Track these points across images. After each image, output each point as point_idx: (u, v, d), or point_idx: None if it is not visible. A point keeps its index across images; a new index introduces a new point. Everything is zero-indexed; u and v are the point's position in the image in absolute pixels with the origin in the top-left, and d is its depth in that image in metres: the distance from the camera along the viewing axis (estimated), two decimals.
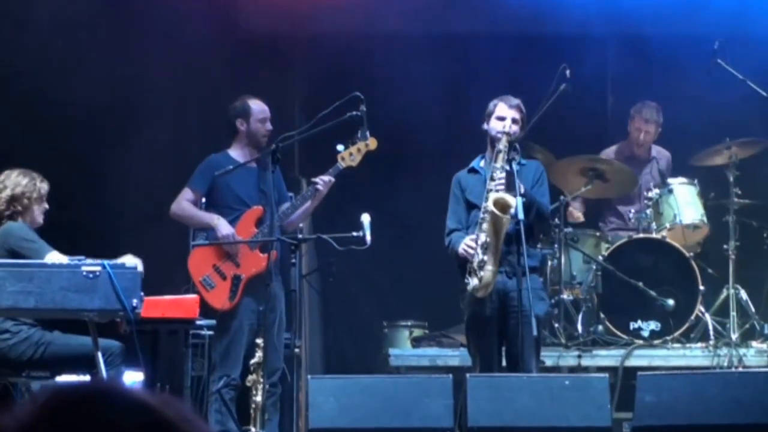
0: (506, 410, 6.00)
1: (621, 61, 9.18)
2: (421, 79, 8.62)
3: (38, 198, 6.35)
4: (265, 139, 7.09)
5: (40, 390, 1.32)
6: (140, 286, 5.68)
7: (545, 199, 6.72)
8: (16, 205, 6.29)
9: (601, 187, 8.20)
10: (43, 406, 1.29)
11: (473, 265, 6.42)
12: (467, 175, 6.79)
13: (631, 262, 7.92)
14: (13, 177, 6.36)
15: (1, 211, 6.28)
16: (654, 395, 6.05)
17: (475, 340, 6.66)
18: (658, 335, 7.86)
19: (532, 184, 6.65)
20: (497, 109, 6.66)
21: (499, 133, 6.57)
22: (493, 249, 6.38)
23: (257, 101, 7.18)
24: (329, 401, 6.06)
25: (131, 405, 1.30)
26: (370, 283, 9.15)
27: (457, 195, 6.78)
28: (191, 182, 7.10)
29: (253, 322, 6.82)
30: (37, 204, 6.36)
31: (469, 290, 6.46)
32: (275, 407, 6.82)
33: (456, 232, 6.68)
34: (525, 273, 6.25)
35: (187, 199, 7.06)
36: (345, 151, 7.02)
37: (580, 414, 6.01)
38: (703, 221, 8.18)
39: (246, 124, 7.12)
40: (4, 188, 6.32)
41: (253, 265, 6.89)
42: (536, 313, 6.42)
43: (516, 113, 6.63)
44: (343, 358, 8.89)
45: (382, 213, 7.23)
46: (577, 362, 7.76)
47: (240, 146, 7.15)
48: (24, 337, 6.24)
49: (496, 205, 6.37)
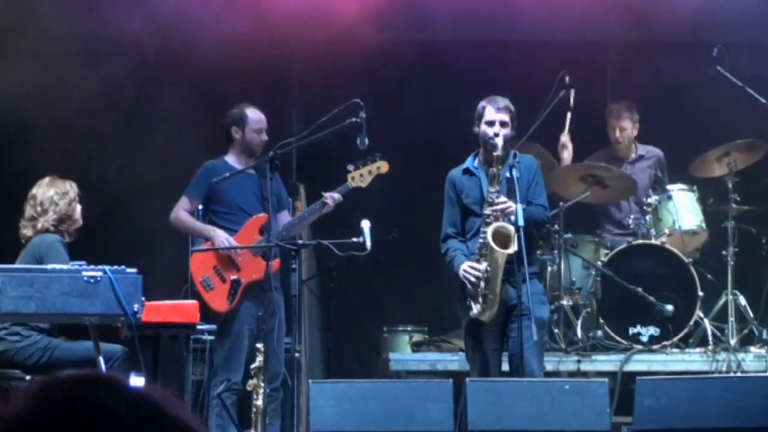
0: (506, 414, 6.01)
1: (620, 66, 9.20)
2: (417, 85, 8.63)
3: (75, 207, 6.48)
4: (259, 148, 7.10)
5: (33, 380, 1.33)
6: (141, 291, 5.69)
7: (542, 198, 6.62)
8: (64, 226, 6.42)
9: (601, 193, 8.22)
10: (35, 395, 1.29)
11: (477, 291, 6.39)
12: (461, 177, 6.65)
13: (630, 268, 7.93)
14: (48, 196, 6.43)
15: (47, 230, 6.37)
16: (653, 400, 6.06)
17: (473, 346, 6.61)
18: (657, 340, 7.87)
19: (527, 184, 6.58)
20: (486, 112, 6.56)
21: (490, 142, 6.47)
22: (494, 278, 6.34)
23: (254, 110, 7.16)
24: (330, 405, 6.07)
25: (122, 392, 1.31)
26: (370, 289, 9.16)
27: (452, 197, 6.66)
28: (188, 191, 7.12)
29: (253, 326, 6.84)
30: (76, 211, 6.51)
31: (471, 315, 6.43)
32: (277, 412, 6.84)
33: (452, 240, 6.61)
34: (525, 279, 6.22)
35: (184, 209, 7.09)
36: (355, 171, 7.03)
37: (580, 418, 6.02)
38: (702, 227, 8.19)
39: (241, 133, 7.12)
40: (44, 211, 6.38)
41: (254, 271, 6.91)
42: (539, 316, 6.42)
43: (504, 115, 6.53)
44: (344, 363, 8.89)
45: (381, 219, 7.24)
46: (577, 367, 7.77)
47: (236, 153, 7.16)
48: (33, 341, 6.31)
49: (496, 238, 6.33)
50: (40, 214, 6.42)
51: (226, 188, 7.01)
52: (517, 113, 6.64)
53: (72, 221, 6.49)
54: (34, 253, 6.31)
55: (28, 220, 6.47)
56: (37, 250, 6.31)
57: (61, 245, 6.34)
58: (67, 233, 6.48)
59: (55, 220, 6.41)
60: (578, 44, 8.81)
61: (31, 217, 6.46)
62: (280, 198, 7.20)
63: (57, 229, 6.42)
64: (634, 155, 8.61)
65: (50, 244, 6.33)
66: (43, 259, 6.20)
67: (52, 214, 6.41)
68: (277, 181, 7.14)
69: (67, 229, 6.46)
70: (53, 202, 6.43)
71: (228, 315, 6.89)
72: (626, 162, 8.56)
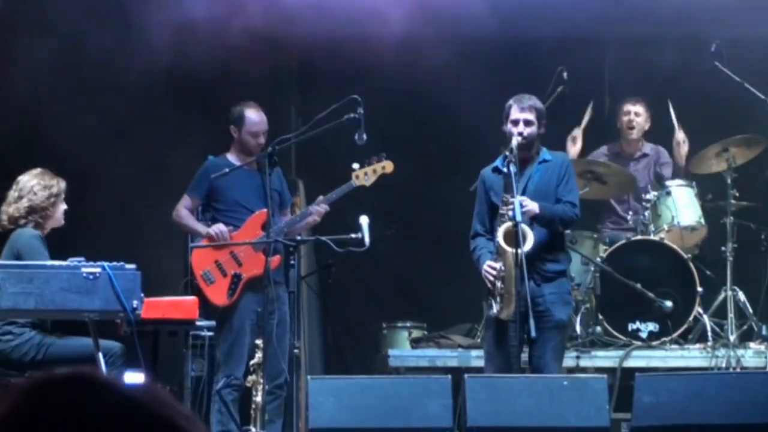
0: (505, 410, 6.00)
1: (618, 62, 9.19)
2: (420, 82, 8.62)
3: (56, 203, 6.38)
4: (256, 150, 7.08)
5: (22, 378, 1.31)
6: (140, 287, 5.68)
7: (571, 195, 6.63)
8: (35, 216, 6.33)
9: (599, 189, 8.21)
10: (19, 393, 1.28)
11: (495, 290, 6.44)
12: (491, 174, 6.71)
13: (629, 264, 7.92)
14: (29, 185, 6.36)
15: (18, 218, 6.31)
16: (652, 396, 6.06)
17: (490, 341, 6.61)
18: (657, 336, 7.86)
19: (557, 182, 6.61)
20: (511, 111, 6.61)
21: (511, 141, 6.51)
22: (508, 277, 6.34)
23: (254, 111, 7.12)
24: (329, 401, 6.07)
25: (108, 390, 1.29)
26: (368, 285, 9.15)
27: (481, 194, 6.74)
28: (189, 189, 7.12)
29: (254, 322, 6.83)
30: (56, 208, 6.40)
31: (491, 314, 6.46)
32: (279, 410, 6.82)
33: (480, 238, 6.67)
34: (524, 278, 6.16)
35: (185, 207, 7.09)
36: (360, 169, 7.02)
37: (579, 414, 6.02)
38: (701, 223, 8.18)
39: (238, 133, 7.13)
40: (20, 198, 6.33)
41: (255, 266, 6.90)
42: (559, 318, 6.47)
43: (529, 114, 6.57)
44: (343, 359, 8.90)
45: (380, 215, 7.24)
46: (576, 363, 7.75)
47: (236, 151, 7.17)
48: (27, 338, 6.26)
49: (507, 237, 6.34)
50: (15, 200, 6.36)
51: (226, 185, 7.01)
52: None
53: (45, 215, 6.36)
54: (12, 250, 6.26)
55: (5, 205, 6.42)
56: (15, 246, 6.24)
57: (38, 240, 6.26)
58: (41, 227, 6.36)
59: (26, 208, 6.30)
60: (576, 40, 8.79)
61: (8, 203, 6.41)
62: (283, 195, 7.19)
63: (26, 219, 6.33)
64: (640, 153, 8.61)
65: (26, 241, 6.24)
66: (21, 257, 6.15)
67: (26, 202, 6.32)
68: (279, 178, 7.13)
69: (37, 221, 6.32)
70: (32, 191, 6.35)
71: (228, 310, 6.88)
72: (631, 160, 8.55)
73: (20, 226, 6.33)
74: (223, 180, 6.91)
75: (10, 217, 6.36)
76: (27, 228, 6.31)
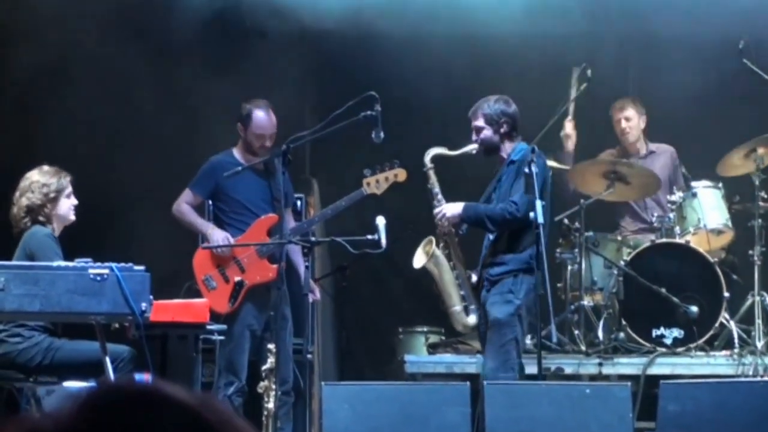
0: (525, 419, 6.00)
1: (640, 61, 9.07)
2: (434, 80, 8.52)
3: (57, 200, 6.26)
4: (260, 152, 6.97)
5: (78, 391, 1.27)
6: (149, 289, 5.57)
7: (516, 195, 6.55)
8: (33, 215, 6.21)
9: (623, 190, 8.08)
10: (82, 407, 1.25)
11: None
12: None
13: (653, 268, 7.81)
14: (28, 183, 6.27)
15: (20, 218, 6.21)
16: (677, 404, 6.02)
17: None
18: (682, 343, 7.75)
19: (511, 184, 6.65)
20: None
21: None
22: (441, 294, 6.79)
23: (262, 112, 7.02)
24: (343, 408, 6.04)
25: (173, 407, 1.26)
26: (384, 288, 9.11)
27: None
28: (193, 184, 7.05)
29: (255, 327, 6.75)
30: (60, 204, 6.28)
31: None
32: (288, 416, 6.74)
33: None
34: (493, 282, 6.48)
35: (186, 201, 7.03)
36: (371, 176, 6.91)
37: (601, 423, 5.99)
38: (728, 226, 8.07)
39: (244, 131, 7.04)
40: (20, 197, 6.25)
41: (259, 273, 6.80)
42: (494, 317, 6.56)
43: (476, 121, 6.74)
44: (357, 365, 8.80)
45: (397, 215, 7.14)
46: (598, 370, 7.68)
47: (242, 149, 7.08)
48: (35, 342, 6.20)
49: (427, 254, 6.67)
50: (17, 200, 6.31)
51: (230, 186, 6.90)
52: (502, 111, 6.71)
53: (45, 213, 6.25)
54: (25, 249, 6.15)
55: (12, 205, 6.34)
56: (27, 246, 6.17)
57: (50, 239, 6.19)
58: (50, 224, 6.27)
59: (25, 207, 6.24)
60: (599, 38, 8.69)
61: (13, 203, 6.33)
62: (288, 195, 7.09)
63: (26, 218, 6.23)
64: (645, 151, 8.47)
65: (39, 240, 6.17)
66: (34, 256, 6.04)
67: (24, 201, 6.26)
68: (285, 178, 7.00)
69: (38, 219, 6.23)
70: (30, 189, 6.27)
71: (228, 316, 6.80)
72: (637, 157, 8.41)
73: (24, 226, 6.22)
74: (233, 178, 6.80)
75: (14, 217, 6.29)
76: (38, 227, 6.21)
